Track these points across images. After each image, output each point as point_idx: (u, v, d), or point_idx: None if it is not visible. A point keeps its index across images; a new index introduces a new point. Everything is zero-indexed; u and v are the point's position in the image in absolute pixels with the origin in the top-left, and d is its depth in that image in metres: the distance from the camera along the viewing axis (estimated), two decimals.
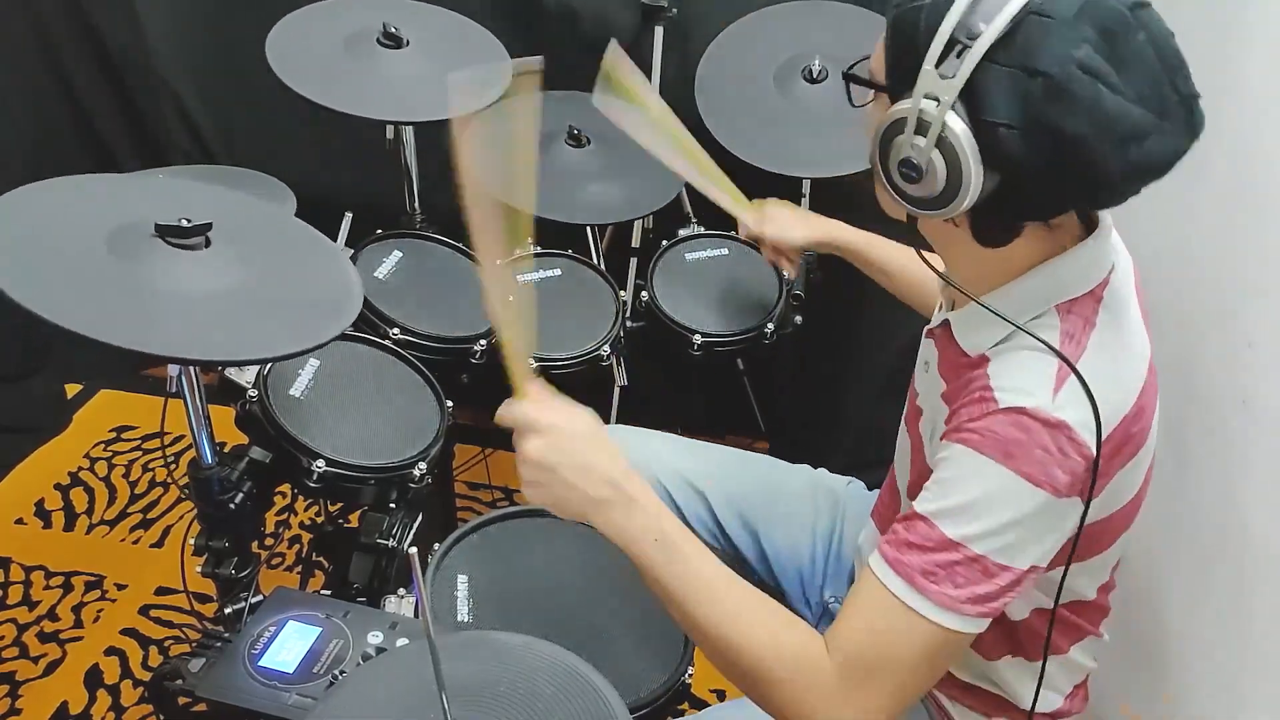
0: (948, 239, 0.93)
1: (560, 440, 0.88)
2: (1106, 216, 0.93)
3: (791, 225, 1.45)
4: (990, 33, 0.77)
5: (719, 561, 0.89)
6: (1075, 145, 0.77)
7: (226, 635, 1.14)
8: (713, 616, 0.86)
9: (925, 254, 1.02)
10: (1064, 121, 0.77)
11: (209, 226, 1.09)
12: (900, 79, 0.84)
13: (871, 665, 0.84)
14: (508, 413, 0.90)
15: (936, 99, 0.80)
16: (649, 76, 1.91)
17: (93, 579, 1.93)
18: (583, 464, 0.87)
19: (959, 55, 0.78)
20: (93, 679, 1.74)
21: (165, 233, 1.07)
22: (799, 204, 1.85)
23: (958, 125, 0.80)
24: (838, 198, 0.98)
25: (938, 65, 0.79)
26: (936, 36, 0.79)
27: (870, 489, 1.34)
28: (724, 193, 1.51)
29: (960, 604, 0.82)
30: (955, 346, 0.96)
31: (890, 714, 0.85)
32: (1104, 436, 0.82)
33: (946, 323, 0.98)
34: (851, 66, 0.91)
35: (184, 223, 1.07)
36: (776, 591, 1.29)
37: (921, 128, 0.81)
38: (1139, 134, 0.77)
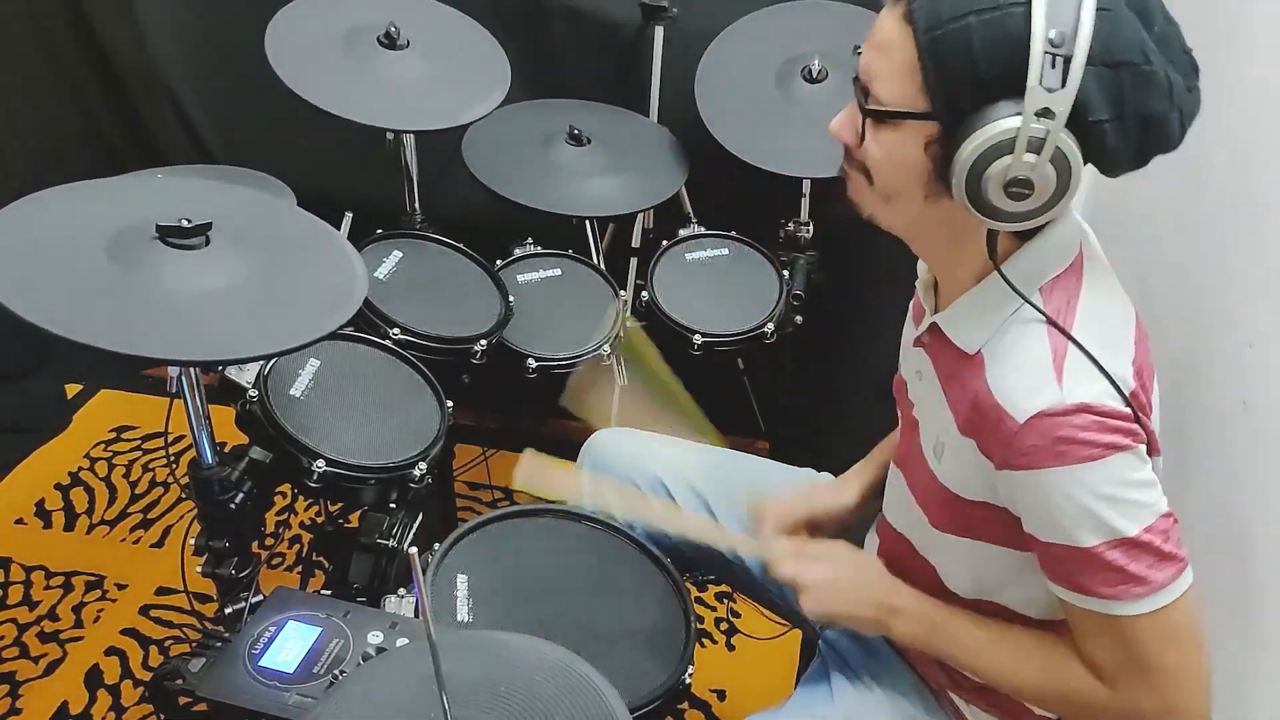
0: (950, 235, 0.92)
1: (827, 593, 1.05)
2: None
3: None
4: (1084, 36, 0.77)
5: (986, 623, 0.99)
6: (1158, 124, 0.82)
7: (226, 635, 1.14)
8: (992, 673, 0.99)
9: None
10: (1150, 104, 0.81)
11: (209, 226, 1.08)
12: (955, 104, 0.82)
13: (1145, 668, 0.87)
14: (777, 574, 1.07)
15: (1049, 113, 0.79)
16: (649, 76, 1.91)
17: (93, 579, 1.92)
18: (852, 600, 1.04)
19: (1054, 65, 0.78)
20: (93, 679, 1.74)
21: (166, 233, 1.06)
22: (799, 202, 1.85)
23: (1068, 134, 0.81)
24: (837, 198, 0.97)
25: (1040, 81, 0.78)
26: (1032, 53, 0.77)
27: None
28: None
29: (1165, 579, 0.84)
30: (951, 347, 0.95)
31: (1196, 687, 0.87)
32: (1128, 393, 0.84)
33: (935, 326, 0.98)
34: (868, 100, 0.88)
35: (184, 223, 1.07)
36: (779, 594, 1.29)
37: (1033, 145, 0.80)
38: (1184, 101, 0.83)
